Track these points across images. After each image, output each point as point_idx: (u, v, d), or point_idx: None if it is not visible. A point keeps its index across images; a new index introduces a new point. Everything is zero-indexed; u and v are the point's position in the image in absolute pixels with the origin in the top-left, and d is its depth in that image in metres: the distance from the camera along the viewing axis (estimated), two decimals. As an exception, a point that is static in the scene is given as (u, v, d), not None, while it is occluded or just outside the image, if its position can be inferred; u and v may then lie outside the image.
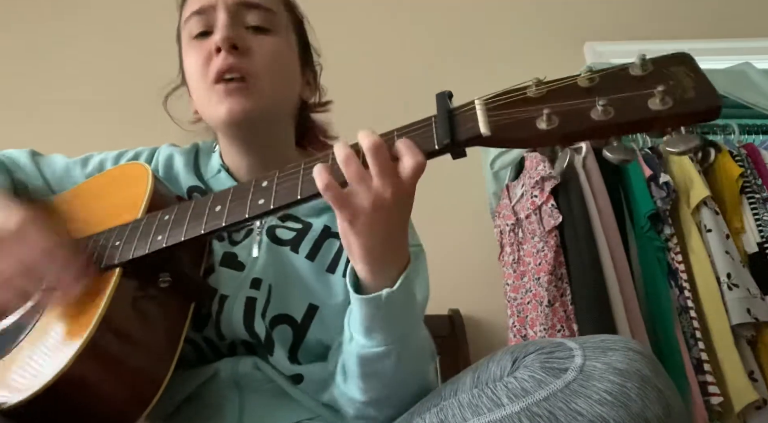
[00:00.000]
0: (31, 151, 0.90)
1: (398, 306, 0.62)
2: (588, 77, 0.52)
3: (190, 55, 0.82)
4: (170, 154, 0.91)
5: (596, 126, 0.50)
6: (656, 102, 0.49)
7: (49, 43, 2.34)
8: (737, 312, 1.61)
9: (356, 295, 0.62)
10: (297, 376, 0.74)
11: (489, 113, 0.55)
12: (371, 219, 0.57)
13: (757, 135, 2.01)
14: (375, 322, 0.62)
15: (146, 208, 0.72)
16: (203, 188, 0.86)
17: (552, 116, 0.51)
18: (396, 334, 0.63)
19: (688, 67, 0.51)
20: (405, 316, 0.64)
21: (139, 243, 0.67)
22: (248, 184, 0.65)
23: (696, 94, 0.49)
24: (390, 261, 0.61)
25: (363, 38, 2.41)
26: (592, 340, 0.55)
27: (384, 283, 0.61)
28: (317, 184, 0.57)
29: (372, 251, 0.60)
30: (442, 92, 0.59)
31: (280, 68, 0.82)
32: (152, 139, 0.96)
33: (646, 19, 2.50)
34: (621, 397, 0.49)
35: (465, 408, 0.55)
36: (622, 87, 0.51)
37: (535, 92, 0.53)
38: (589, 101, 0.51)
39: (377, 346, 0.63)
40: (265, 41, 0.80)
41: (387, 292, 0.60)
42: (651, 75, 0.51)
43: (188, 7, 0.83)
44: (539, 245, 1.71)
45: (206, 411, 0.73)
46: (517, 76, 2.24)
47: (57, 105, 2.23)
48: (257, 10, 0.81)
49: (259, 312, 0.75)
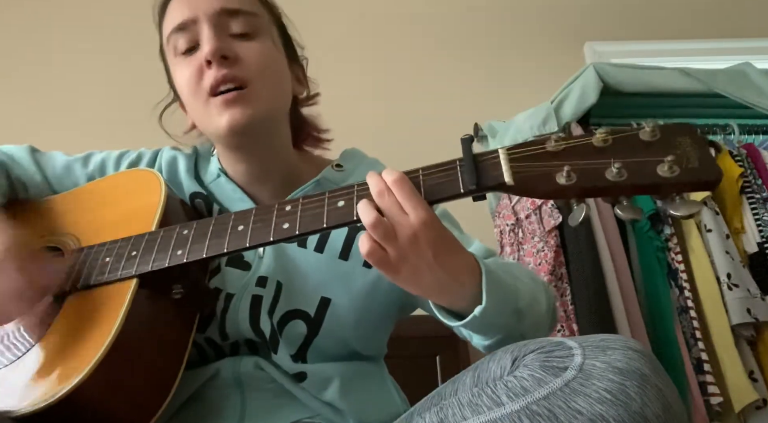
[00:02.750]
0: (30, 147, 0.90)
1: (495, 308, 0.64)
2: (602, 138, 0.57)
3: (179, 71, 0.81)
4: (173, 156, 0.91)
5: (610, 186, 0.55)
6: (665, 169, 0.54)
7: (51, 43, 2.35)
8: (737, 312, 1.60)
9: (451, 324, 0.66)
10: (300, 374, 0.74)
11: (512, 164, 0.59)
12: (416, 268, 0.60)
13: (757, 135, 2.01)
14: (483, 328, 0.67)
15: (159, 220, 0.72)
16: (205, 194, 0.86)
17: (571, 173, 0.56)
18: (506, 319, 0.67)
19: (692, 138, 0.56)
20: (507, 304, 0.67)
21: (158, 255, 0.67)
22: (271, 207, 0.67)
23: (700, 164, 0.54)
24: (456, 285, 0.64)
25: (363, 38, 2.41)
26: (592, 339, 0.55)
27: (464, 301, 0.64)
28: (362, 250, 0.60)
29: (431, 289, 0.63)
30: (465, 136, 0.63)
31: (272, 71, 0.82)
32: (152, 140, 0.96)
33: (646, 19, 2.50)
34: (620, 396, 0.49)
35: (465, 407, 0.55)
36: (634, 152, 0.56)
37: (554, 147, 0.58)
38: (605, 162, 0.56)
39: (494, 335, 0.69)
40: (252, 46, 0.80)
41: (480, 310, 0.63)
42: (659, 142, 0.56)
43: (168, 23, 0.82)
44: (539, 245, 1.71)
45: (207, 410, 0.73)
46: (517, 75, 2.26)
47: (58, 104, 2.23)
48: (239, 16, 0.80)
49: (265, 310, 0.75)
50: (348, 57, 2.30)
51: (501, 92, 2.27)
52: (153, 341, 0.66)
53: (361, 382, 0.79)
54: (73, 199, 0.83)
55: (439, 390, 0.63)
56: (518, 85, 2.29)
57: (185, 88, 0.80)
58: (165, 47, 0.85)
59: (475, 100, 2.26)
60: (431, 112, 2.24)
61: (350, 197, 0.63)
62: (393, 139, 1.91)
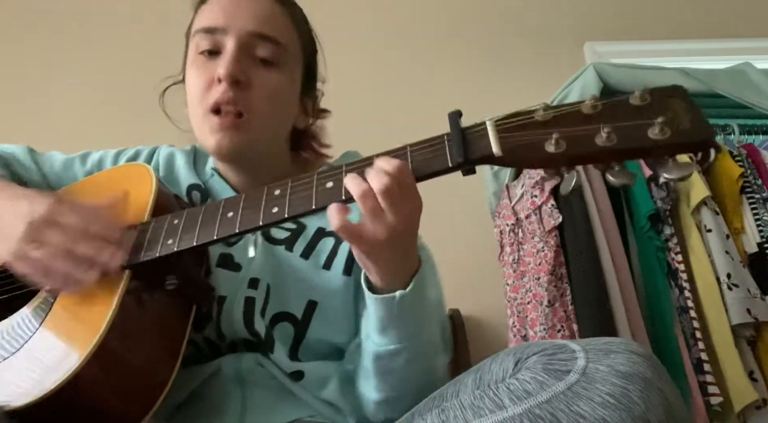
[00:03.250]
0: (27, 148, 0.90)
1: (410, 305, 0.66)
2: (591, 105, 0.56)
3: (193, 71, 0.81)
4: (171, 152, 0.92)
5: (600, 151, 0.54)
6: (656, 131, 0.53)
7: (53, 42, 2.34)
8: (737, 312, 1.60)
9: (371, 294, 0.66)
10: (297, 373, 0.75)
11: (500, 134, 0.58)
12: (387, 246, 0.61)
13: (757, 135, 2.01)
14: (389, 321, 0.67)
15: (152, 210, 0.72)
16: (203, 187, 0.86)
17: (560, 140, 0.55)
18: (408, 332, 0.67)
19: (683, 99, 0.55)
20: (417, 315, 0.68)
21: (149, 246, 0.67)
22: (259, 191, 0.66)
23: (691, 125, 0.53)
24: (402, 268, 0.66)
25: (362, 38, 2.40)
26: (595, 343, 0.55)
27: (397, 286, 0.66)
28: (332, 223, 0.60)
29: (388, 269, 0.65)
30: (453, 112, 0.62)
31: (278, 105, 0.82)
32: (151, 139, 0.96)
33: (646, 19, 2.50)
34: (623, 400, 0.49)
35: (467, 409, 0.55)
36: (624, 116, 0.55)
37: (542, 116, 0.57)
38: (594, 128, 0.55)
39: (391, 343, 0.68)
40: (268, 76, 0.80)
41: (400, 293, 0.65)
42: (650, 105, 0.55)
43: (200, 20, 0.82)
44: (539, 245, 1.70)
45: (209, 407, 0.73)
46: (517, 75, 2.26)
47: (58, 104, 2.23)
48: (268, 43, 0.80)
49: (259, 311, 0.75)
50: (347, 56, 2.29)
51: (501, 92, 2.27)
52: (147, 333, 0.66)
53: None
54: (68, 194, 0.83)
55: (441, 391, 0.63)
56: (518, 85, 2.28)
57: (193, 92, 0.81)
58: (191, 35, 0.84)
59: (475, 100, 2.26)
60: (431, 112, 2.23)
61: (338, 178, 0.63)
62: (392, 138, 1.90)
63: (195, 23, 0.83)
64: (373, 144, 1.02)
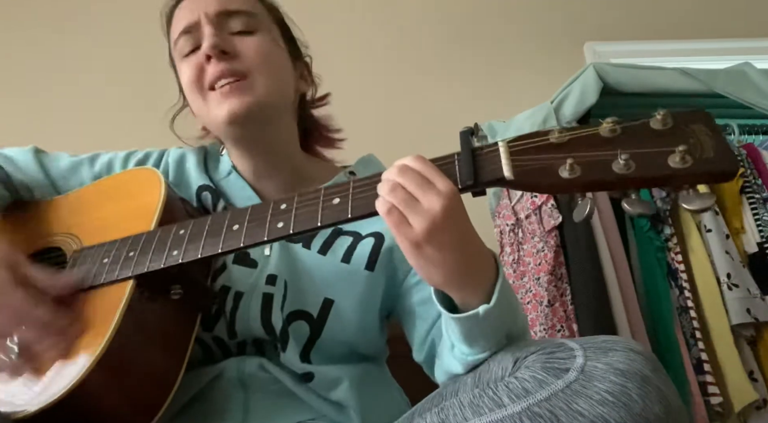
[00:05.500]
0: (34, 149, 0.90)
1: (498, 315, 0.60)
2: (610, 128, 0.53)
3: (183, 71, 0.83)
4: (182, 153, 0.91)
5: (617, 179, 0.51)
6: (676, 160, 0.50)
7: (57, 41, 2.34)
8: (737, 312, 1.60)
9: (450, 314, 0.60)
10: (308, 374, 0.74)
11: (512, 157, 0.55)
12: (435, 241, 0.55)
13: (757, 135, 2.01)
14: (476, 334, 0.61)
15: (159, 219, 0.72)
16: (213, 188, 0.86)
17: (575, 165, 0.52)
18: (499, 337, 0.62)
19: (707, 125, 0.52)
20: (506, 320, 0.62)
21: (154, 256, 0.67)
22: (266, 205, 0.66)
23: (715, 154, 0.50)
24: (474, 272, 0.59)
25: (363, 39, 2.40)
26: (593, 341, 0.55)
27: (476, 295, 0.59)
28: (378, 209, 0.56)
29: (452, 272, 0.57)
30: (465, 129, 0.59)
31: (271, 62, 0.83)
32: (159, 142, 0.96)
33: (646, 19, 2.50)
34: (622, 398, 0.49)
35: (466, 408, 0.55)
36: (644, 142, 0.52)
37: (557, 138, 0.54)
38: (611, 153, 0.52)
39: (482, 352, 0.62)
40: (251, 40, 0.82)
41: (484, 309, 0.58)
42: (671, 131, 0.52)
43: (175, 29, 0.85)
44: (539, 245, 1.71)
45: (211, 410, 0.73)
46: (517, 75, 2.25)
47: (65, 103, 2.23)
48: (238, 16, 0.83)
49: (278, 307, 0.75)
50: (348, 58, 2.29)
51: (501, 92, 2.27)
52: (151, 343, 0.66)
53: (368, 382, 0.79)
54: (76, 198, 0.83)
55: (440, 390, 0.64)
56: (518, 85, 2.29)
57: (188, 85, 0.82)
58: (173, 53, 0.87)
59: (475, 100, 2.26)
60: (431, 112, 2.24)
61: (345, 194, 0.61)
62: (393, 139, 1.90)
63: (171, 36, 0.86)
64: (373, 146, 1.03)
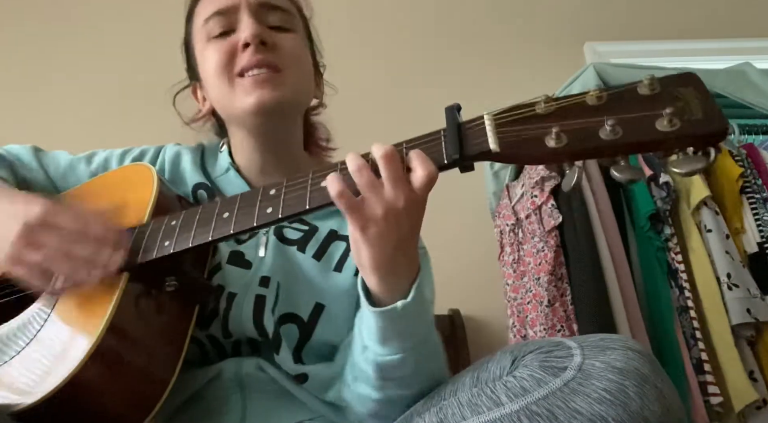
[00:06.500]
0: (33, 147, 0.90)
1: (413, 315, 0.61)
2: (596, 95, 0.53)
3: (209, 53, 0.82)
4: (177, 151, 0.91)
5: (604, 145, 0.51)
6: (664, 123, 0.49)
7: (57, 40, 2.35)
8: (737, 312, 1.61)
9: (370, 307, 0.61)
10: (302, 375, 0.74)
11: (498, 129, 0.55)
12: (383, 228, 0.57)
13: (757, 135, 2.01)
14: (390, 332, 0.61)
15: (152, 212, 0.72)
16: (209, 186, 0.86)
17: (561, 134, 0.52)
18: (412, 342, 0.63)
19: (695, 88, 0.51)
20: (420, 323, 0.63)
21: (147, 248, 0.67)
22: (256, 191, 0.66)
23: (704, 115, 0.49)
24: (401, 270, 0.60)
25: (362, 38, 2.41)
26: (591, 339, 0.55)
27: (396, 293, 0.60)
28: (330, 192, 0.57)
29: (383, 261, 0.59)
30: (450, 105, 0.59)
31: (303, 63, 0.85)
32: (157, 137, 0.96)
33: (646, 19, 2.50)
34: (620, 396, 0.49)
35: (464, 407, 0.55)
36: (631, 107, 0.51)
37: (544, 109, 0.54)
38: (598, 120, 0.51)
39: (394, 353, 0.62)
40: (288, 38, 0.83)
41: (402, 304, 0.59)
42: (659, 95, 0.51)
43: (206, 9, 0.84)
44: (539, 245, 1.71)
45: (209, 410, 0.73)
46: (517, 76, 2.26)
47: (64, 103, 2.23)
48: (277, 12, 0.83)
49: (269, 309, 0.75)
50: (347, 57, 2.30)
51: (501, 92, 2.27)
52: (147, 335, 0.66)
53: None
54: (73, 196, 0.84)
55: (439, 390, 0.64)
56: (518, 85, 2.28)
57: (213, 69, 0.82)
58: (196, 33, 0.86)
59: (475, 100, 2.26)
60: (431, 112, 2.23)
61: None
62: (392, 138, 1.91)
63: (201, 15, 0.85)
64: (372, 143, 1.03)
